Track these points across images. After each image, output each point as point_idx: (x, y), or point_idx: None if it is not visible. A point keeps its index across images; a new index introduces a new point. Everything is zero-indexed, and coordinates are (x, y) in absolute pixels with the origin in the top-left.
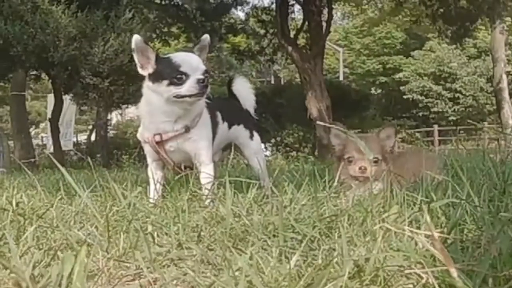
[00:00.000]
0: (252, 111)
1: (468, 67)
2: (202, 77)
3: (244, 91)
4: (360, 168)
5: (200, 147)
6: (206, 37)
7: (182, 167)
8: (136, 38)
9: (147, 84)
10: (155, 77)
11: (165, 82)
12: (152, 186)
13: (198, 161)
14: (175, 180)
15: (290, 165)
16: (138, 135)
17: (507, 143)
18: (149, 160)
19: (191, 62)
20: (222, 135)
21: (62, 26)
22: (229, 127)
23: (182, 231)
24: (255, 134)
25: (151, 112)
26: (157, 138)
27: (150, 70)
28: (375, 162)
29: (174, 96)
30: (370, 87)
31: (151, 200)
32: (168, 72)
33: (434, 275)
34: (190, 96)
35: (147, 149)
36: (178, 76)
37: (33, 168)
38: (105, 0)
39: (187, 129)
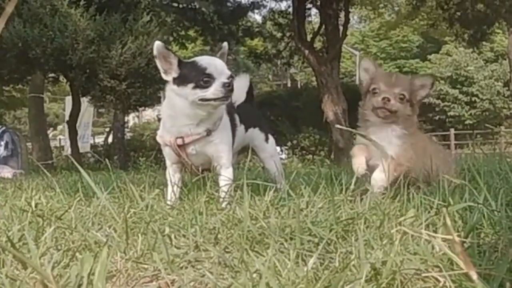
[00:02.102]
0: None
1: (485, 71)
2: (227, 80)
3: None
4: (383, 99)
5: (221, 149)
6: (225, 44)
7: (200, 170)
8: (157, 44)
9: (171, 88)
10: (180, 80)
11: (191, 85)
12: (170, 188)
13: (218, 163)
14: (192, 182)
15: (306, 168)
16: (158, 138)
17: None
18: (168, 162)
19: (217, 66)
20: (239, 137)
21: (81, 29)
22: (246, 129)
23: (199, 233)
24: (270, 137)
25: (174, 115)
26: (179, 141)
27: (175, 75)
28: (401, 98)
29: (200, 99)
30: None
31: (168, 202)
32: (194, 75)
33: (452, 278)
34: (215, 99)
35: (167, 152)
36: (205, 79)
37: (50, 170)
38: (123, 3)
39: (209, 132)
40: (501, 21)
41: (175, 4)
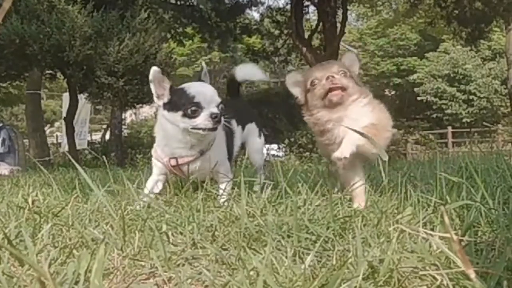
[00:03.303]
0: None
1: (482, 69)
2: (216, 111)
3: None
4: (327, 78)
5: (217, 166)
6: (204, 65)
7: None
8: (154, 69)
9: (162, 113)
10: (170, 107)
11: (180, 113)
12: (146, 190)
13: (216, 177)
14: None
15: (303, 166)
16: (153, 152)
17: None
18: (155, 172)
19: (206, 94)
20: (238, 141)
21: (78, 25)
22: (243, 128)
23: (196, 230)
24: (262, 134)
25: (166, 138)
26: (173, 162)
27: (165, 100)
28: (343, 74)
29: (190, 128)
30: (384, 88)
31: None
32: (183, 103)
33: (449, 276)
34: (203, 129)
35: (159, 166)
36: (193, 108)
37: (47, 167)
38: (121, 0)
39: (202, 153)
40: (498, 19)
41: (173, 1)
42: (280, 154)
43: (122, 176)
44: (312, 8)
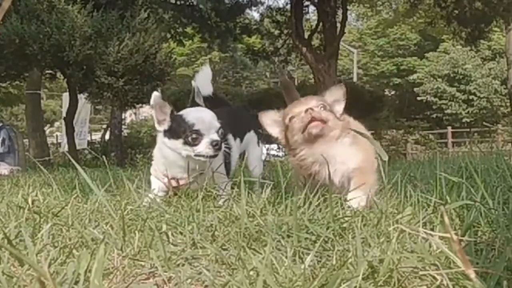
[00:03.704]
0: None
1: (482, 69)
2: (216, 138)
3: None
4: (306, 111)
5: (216, 179)
6: (194, 84)
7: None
8: (155, 94)
9: (163, 141)
10: (170, 134)
11: (181, 141)
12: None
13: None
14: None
15: None
16: (153, 171)
17: None
18: (155, 190)
19: (204, 120)
20: (236, 153)
21: (78, 25)
22: (242, 139)
23: (196, 230)
24: (260, 142)
25: (167, 164)
26: (174, 183)
27: (166, 127)
28: (323, 107)
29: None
30: (384, 88)
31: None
32: (183, 131)
33: (449, 276)
34: (205, 156)
35: (159, 184)
36: (193, 136)
37: (47, 167)
38: (121, 0)
39: (202, 173)
40: (498, 19)
41: (173, 1)
42: (280, 154)
43: (122, 176)
44: (312, 8)
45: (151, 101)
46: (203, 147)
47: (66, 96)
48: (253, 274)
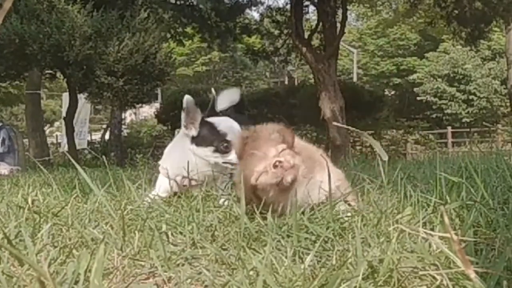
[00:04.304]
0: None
1: (482, 69)
2: None
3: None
4: (276, 166)
5: (222, 180)
6: (213, 91)
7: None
8: (188, 98)
9: (189, 147)
10: (199, 141)
11: (211, 148)
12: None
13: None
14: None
15: None
16: (162, 170)
17: None
18: (161, 191)
19: (234, 131)
20: None
21: (78, 25)
22: None
23: (196, 230)
24: None
25: (185, 167)
26: (186, 182)
27: (194, 133)
28: (285, 151)
29: (222, 162)
30: (384, 88)
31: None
32: (214, 139)
33: (449, 276)
34: (233, 164)
35: (166, 185)
36: (225, 145)
37: (47, 167)
38: (121, 0)
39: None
40: (498, 19)
41: (173, 1)
42: None
43: (122, 176)
44: (312, 8)
45: (184, 104)
46: (234, 156)
47: (66, 96)
48: (253, 274)
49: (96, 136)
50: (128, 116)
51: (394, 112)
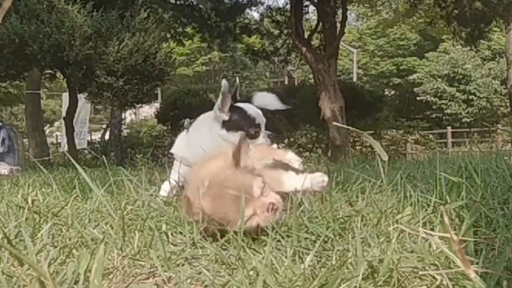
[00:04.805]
0: None
1: (482, 69)
2: (269, 132)
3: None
4: (271, 210)
5: None
6: (237, 81)
7: None
8: (224, 82)
9: (220, 133)
10: (230, 126)
11: (241, 133)
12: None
13: None
14: None
15: (303, 165)
16: (178, 157)
17: None
18: (175, 177)
19: (261, 116)
20: None
21: (78, 25)
22: None
23: (196, 230)
24: None
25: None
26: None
27: (225, 118)
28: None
29: None
30: (384, 88)
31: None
32: (245, 124)
33: (449, 276)
34: None
35: (184, 169)
36: (255, 129)
37: (47, 166)
38: (120, 0)
39: None
40: (498, 19)
41: (172, 1)
42: None
43: (123, 175)
44: (312, 8)
45: (223, 88)
46: (262, 140)
47: (66, 96)
48: (253, 274)
49: (96, 136)
50: (128, 116)
51: (394, 112)
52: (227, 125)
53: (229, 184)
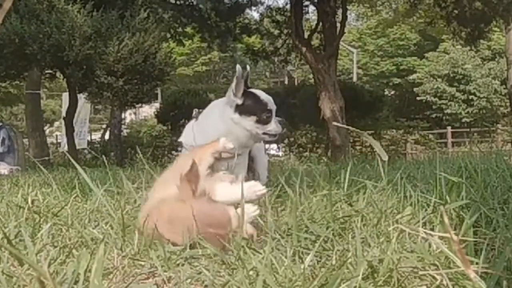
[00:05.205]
0: None
1: (482, 69)
2: (280, 118)
3: None
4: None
5: (243, 165)
6: (248, 68)
7: None
8: (239, 67)
9: (231, 116)
10: (243, 110)
11: (254, 118)
12: None
13: (236, 174)
14: None
15: (303, 165)
16: (188, 146)
17: None
18: None
19: (272, 102)
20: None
21: (78, 25)
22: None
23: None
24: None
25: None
26: (217, 155)
27: (239, 102)
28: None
29: (262, 133)
30: (384, 88)
31: None
32: (257, 109)
33: (449, 276)
34: (270, 135)
35: None
36: (267, 115)
37: (47, 166)
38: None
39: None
40: (498, 19)
41: (172, 1)
42: (280, 154)
43: (122, 176)
44: (312, 8)
45: (237, 73)
46: (274, 126)
47: (65, 95)
48: (252, 274)
49: (96, 136)
50: (128, 116)
51: (394, 112)
52: (240, 110)
53: (206, 221)
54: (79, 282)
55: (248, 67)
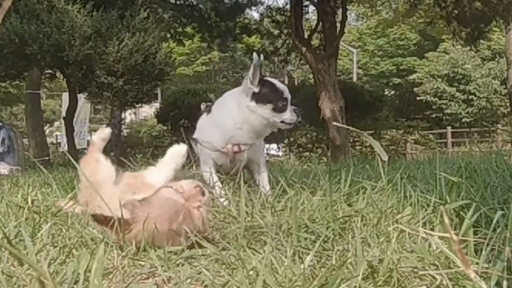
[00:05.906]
0: None
1: (482, 69)
2: (295, 107)
3: None
4: None
5: (261, 153)
6: (258, 57)
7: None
8: (256, 55)
9: (247, 104)
10: (259, 98)
11: (270, 105)
12: (217, 189)
13: (258, 164)
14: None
15: (303, 165)
16: (205, 143)
17: None
18: (206, 166)
19: (287, 91)
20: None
21: (78, 25)
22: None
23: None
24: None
25: (240, 127)
26: (236, 148)
27: (256, 90)
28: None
29: (280, 121)
30: (384, 88)
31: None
32: (273, 97)
33: (449, 276)
34: (286, 123)
35: (216, 157)
36: (283, 103)
37: (47, 166)
38: None
39: (256, 140)
40: (498, 19)
41: (172, 1)
42: (280, 154)
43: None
44: (312, 8)
45: (255, 61)
46: (289, 114)
47: (65, 95)
48: (252, 274)
49: None
50: (128, 116)
51: (394, 112)
52: (257, 97)
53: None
54: (79, 282)
55: (261, 57)
